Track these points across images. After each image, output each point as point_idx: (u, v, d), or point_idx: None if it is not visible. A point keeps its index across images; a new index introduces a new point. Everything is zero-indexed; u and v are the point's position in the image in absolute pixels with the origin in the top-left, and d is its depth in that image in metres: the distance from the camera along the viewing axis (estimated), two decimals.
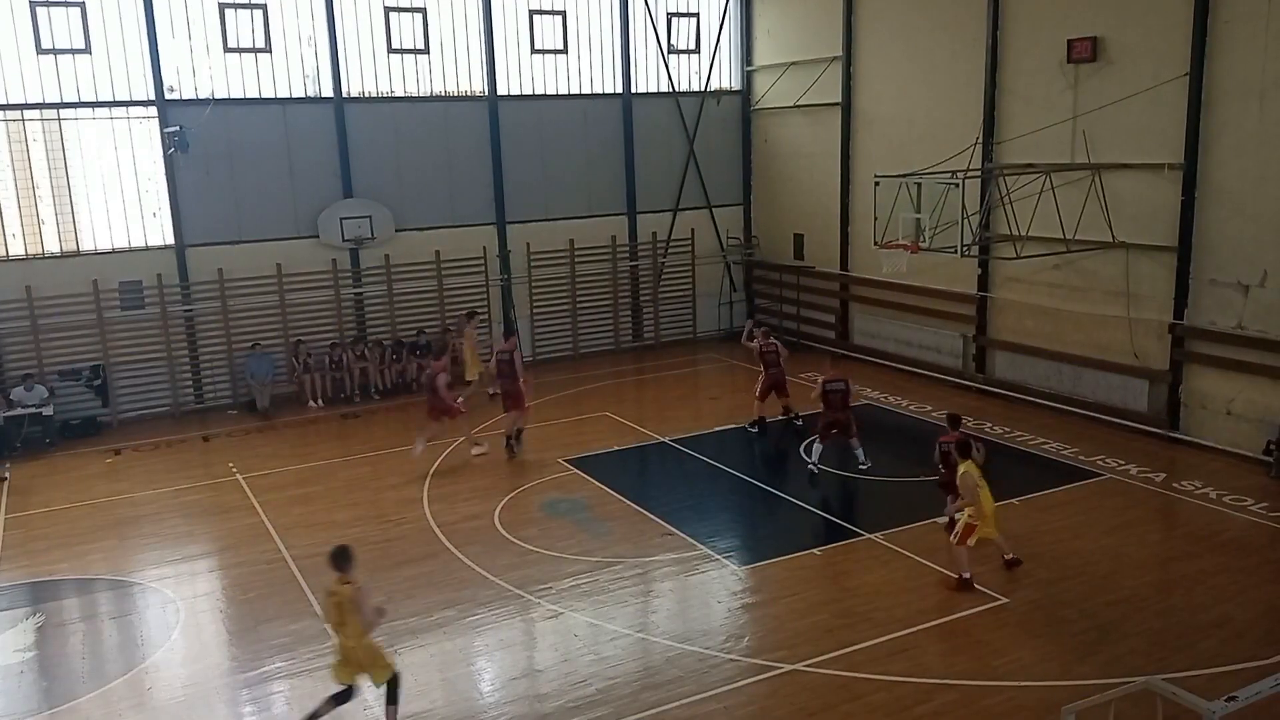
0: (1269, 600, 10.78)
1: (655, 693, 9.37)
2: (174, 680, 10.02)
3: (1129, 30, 16.11)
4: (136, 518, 14.54)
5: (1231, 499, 13.60)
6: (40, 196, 18.69)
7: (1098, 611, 10.61)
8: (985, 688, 9.27)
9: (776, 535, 13.34)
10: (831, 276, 22.91)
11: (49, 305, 18.59)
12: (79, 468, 16.88)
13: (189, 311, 19.83)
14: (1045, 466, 15.22)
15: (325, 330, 20.87)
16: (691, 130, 24.27)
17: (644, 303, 24.37)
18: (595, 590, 11.54)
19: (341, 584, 8.39)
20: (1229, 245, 15.18)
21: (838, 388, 14.99)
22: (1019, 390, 18.46)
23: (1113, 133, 16.44)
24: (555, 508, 14.15)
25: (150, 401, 19.70)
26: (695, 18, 24.34)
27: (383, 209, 20.98)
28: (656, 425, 17.85)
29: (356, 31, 20.71)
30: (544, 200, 22.87)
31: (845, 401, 15.08)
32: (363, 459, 16.76)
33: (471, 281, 22.20)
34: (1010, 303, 18.82)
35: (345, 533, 13.42)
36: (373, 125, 20.97)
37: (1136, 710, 7.69)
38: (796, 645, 10.13)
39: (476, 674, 10.02)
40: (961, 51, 18.98)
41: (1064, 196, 16.49)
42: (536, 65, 22.64)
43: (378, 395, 20.46)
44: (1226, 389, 15.42)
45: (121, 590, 12.15)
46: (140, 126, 19.25)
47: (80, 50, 18.57)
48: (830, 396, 14.91)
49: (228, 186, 19.86)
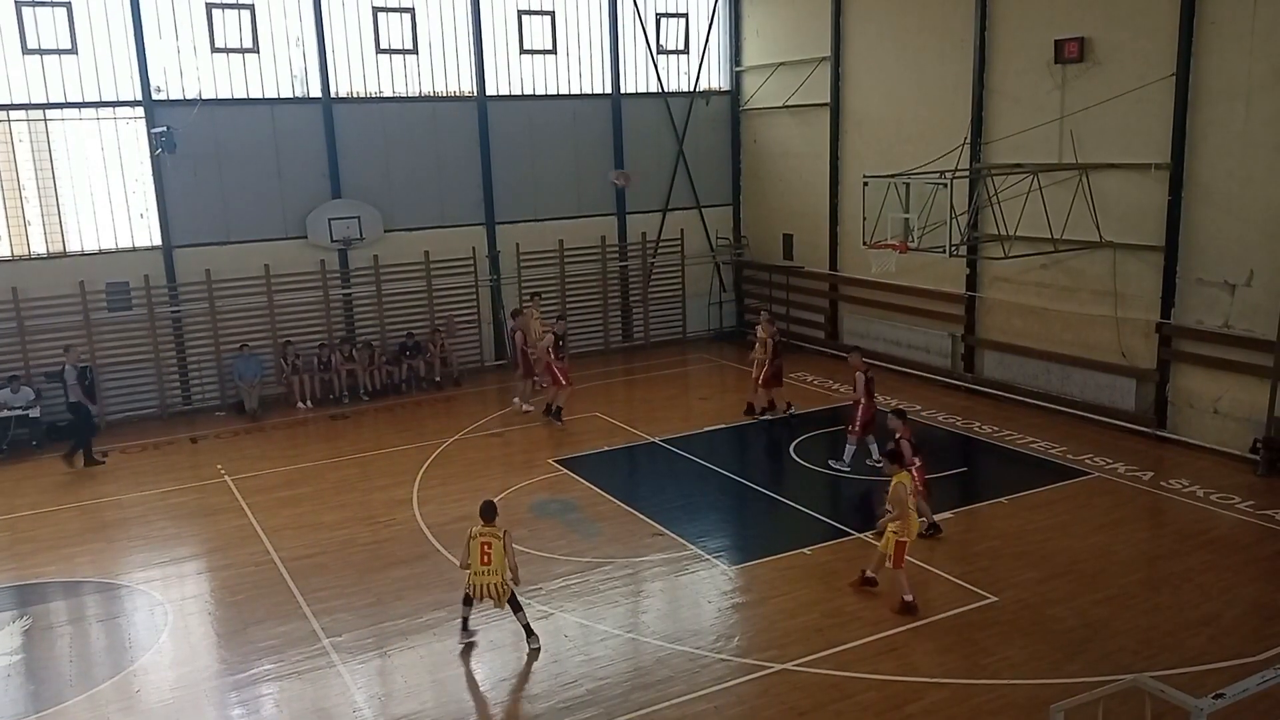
0: (1256, 598, 10.84)
1: (645, 693, 9.37)
2: (162, 683, 9.98)
3: (1116, 31, 16.18)
4: (124, 520, 14.47)
5: (1219, 497, 13.67)
6: (26, 197, 18.58)
7: (1086, 610, 10.65)
8: (975, 686, 9.30)
9: (766, 535, 13.35)
10: (821, 276, 22.95)
11: (35, 307, 18.48)
12: (66, 470, 16.77)
13: (176, 313, 19.75)
14: (1034, 465, 15.27)
15: (314, 331, 20.81)
16: (681, 131, 24.29)
17: (634, 303, 24.38)
18: (585, 591, 11.53)
19: (493, 531, 10.13)
20: (1215, 245, 15.26)
21: (871, 375, 15.51)
22: (1007, 389, 18.53)
23: (1100, 133, 16.51)
24: (545, 508, 14.14)
25: (138, 403, 19.62)
26: (684, 18, 24.35)
27: (371, 210, 20.93)
28: (646, 425, 17.84)
29: (345, 31, 20.65)
30: (533, 200, 22.85)
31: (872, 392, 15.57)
32: (352, 460, 16.71)
33: (461, 282, 22.17)
34: (998, 302, 18.88)
35: (334, 534, 13.43)
36: (361, 126, 20.92)
37: (1125, 708, 7.72)
38: (787, 644, 10.14)
39: (467, 675, 10.00)
40: (949, 52, 19.04)
41: (1051, 196, 16.55)
42: (525, 65, 22.62)
43: (366, 397, 20.41)
44: (1213, 388, 15.50)
45: (109, 593, 12.08)
46: (127, 127, 19.17)
47: (67, 50, 18.46)
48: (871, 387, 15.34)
49: (215, 187, 19.78)
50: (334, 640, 10.53)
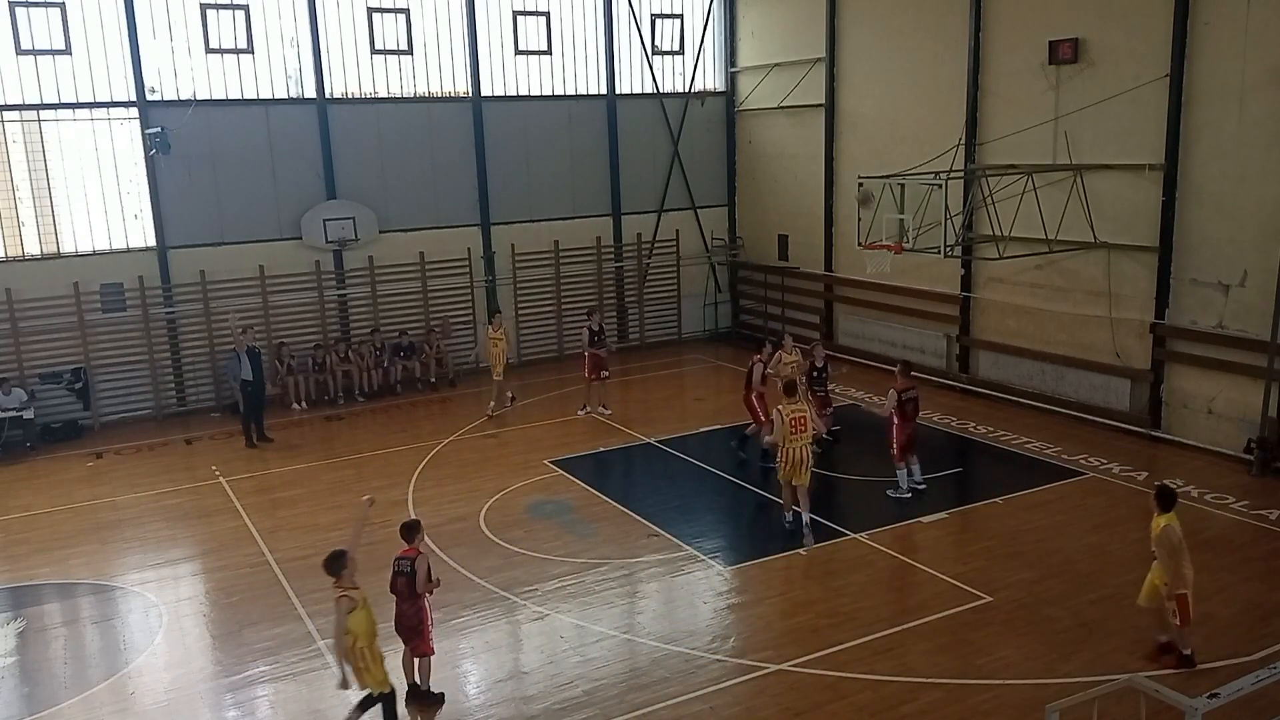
0: (1250, 597, 10.86)
1: (641, 694, 9.37)
2: (157, 685, 9.96)
3: (1110, 32, 16.21)
4: (118, 521, 14.44)
5: (1213, 497, 13.70)
6: (20, 198, 18.54)
7: (1081, 610, 10.67)
8: (970, 686, 9.31)
9: (762, 535, 13.36)
10: (816, 277, 22.97)
11: (29, 308, 18.44)
12: (60, 471, 16.76)
13: (171, 314, 19.71)
14: (1028, 466, 15.29)
15: (309, 332, 20.78)
16: (676, 131, 24.29)
17: (629, 304, 24.37)
18: (581, 592, 11.52)
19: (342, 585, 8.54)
20: (1209, 245, 15.29)
21: (913, 395, 14.06)
22: (1002, 390, 18.55)
23: (1094, 134, 16.54)
24: (541, 509, 14.13)
25: (132, 404, 19.57)
26: (679, 19, 24.36)
27: (366, 210, 20.91)
28: (642, 426, 17.84)
29: (339, 32, 20.64)
30: (528, 201, 22.84)
31: (918, 410, 14.23)
32: (347, 461, 16.70)
33: (456, 283, 22.16)
34: (993, 303, 18.91)
35: (330, 535, 13.36)
36: (356, 126, 20.89)
37: (1120, 707, 7.73)
38: (782, 645, 10.15)
39: (462, 676, 9.99)
40: (944, 53, 19.06)
41: (1046, 197, 16.57)
42: (520, 66, 22.61)
43: (362, 397, 20.38)
44: (1208, 388, 15.53)
45: (104, 595, 12.06)
46: (121, 128, 19.13)
47: (60, 51, 18.42)
48: (907, 407, 13.92)
49: (210, 188, 19.75)
50: (329, 642, 10.49)
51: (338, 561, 8.53)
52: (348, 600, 8.43)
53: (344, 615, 8.38)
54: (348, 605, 8.40)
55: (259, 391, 17.79)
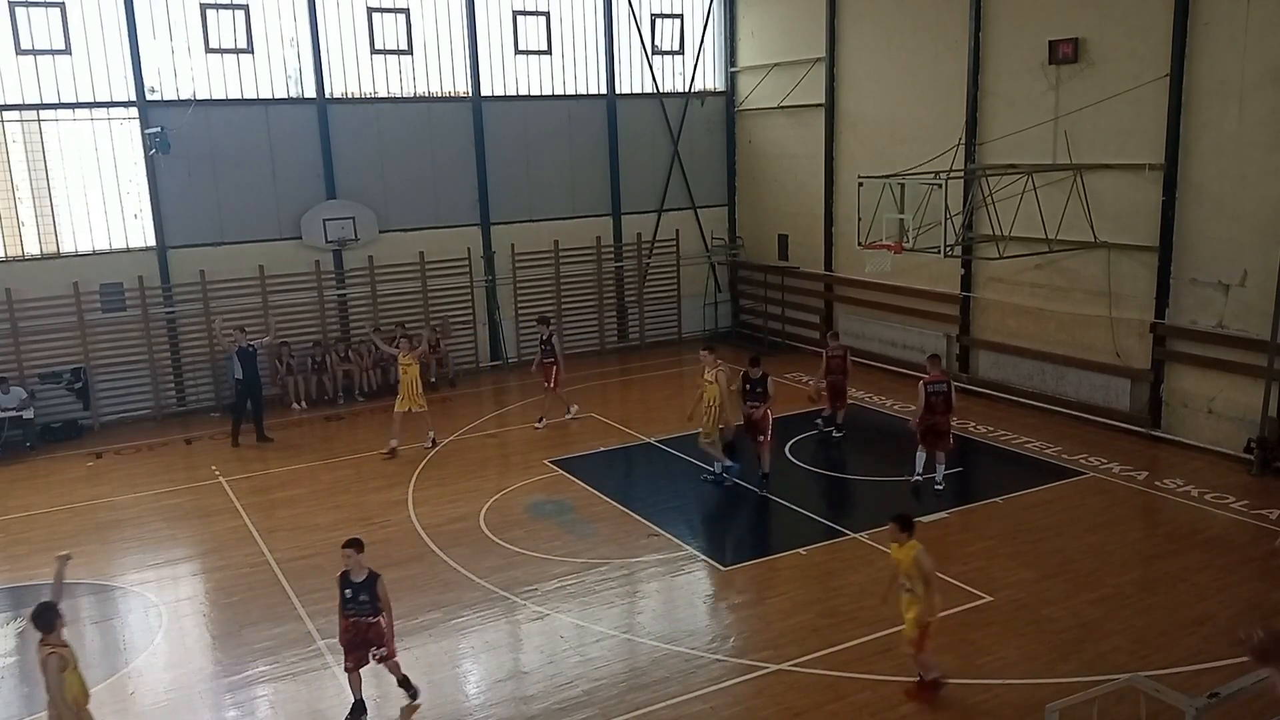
0: (1251, 597, 10.86)
1: (641, 694, 9.37)
2: (157, 685, 9.96)
3: (1110, 32, 16.21)
4: (118, 521, 14.43)
5: (1213, 497, 13.69)
6: (20, 198, 18.53)
7: (1081, 609, 10.67)
8: (970, 686, 9.31)
9: (762, 535, 13.35)
10: (816, 277, 22.96)
11: (29, 308, 18.43)
12: (60, 471, 16.75)
13: (171, 314, 19.70)
14: (1028, 465, 15.29)
15: (308, 332, 20.77)
16: (676, 131, 24.29)
17: (629, 304, 24.36)
18: (581, 591, 11.52)
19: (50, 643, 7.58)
20: (1209, 245, 15.28)
21: (940, 389, 13.95)
22: (1002, 389, 18.54)
23: (1094, 133, 16.54)
24: (541, 509, 14.13)
25: (132, 404, 19.57)
26: (679, 19, 24.35)
27: (366, 210, 20.90)
28: (642, 426, 17.83)
29: (339, 32, 20.62)
30: (528, 201, 22.83)
31: (948, 405, 14.06)
32: (347, 461, 16.69)
33: (456, 283, 22.15)
34: (993, 302, 18.91)
35: (329, 535, 13.37)
36: (356, 126, 20.89)
37: (1120, 707, 7.74)
38: (782, 645, 10.14)
39: (462, 676, 10.00)
40: (944, 53, 19.06)
41: (1046, 197, 16.57)
42: (520, 66, 22.60)
43: (362, 397, 20.38)
44: (1208, 388, 15.53)
45: (103, 595, 12.06)
46: (121, 127, 19.12)
47: (60, 51, 18.41)
48: (933, 400, 13.83)
49: (210, 188, 19.74)
50: (329, 642, 10.47)
51: (47, 615, 7.55)
52: (57, 658, 7.47)
53: (57, 673, 7.43)
54: (58, 663, 7.45)
55: (249, 391, 17.67)
